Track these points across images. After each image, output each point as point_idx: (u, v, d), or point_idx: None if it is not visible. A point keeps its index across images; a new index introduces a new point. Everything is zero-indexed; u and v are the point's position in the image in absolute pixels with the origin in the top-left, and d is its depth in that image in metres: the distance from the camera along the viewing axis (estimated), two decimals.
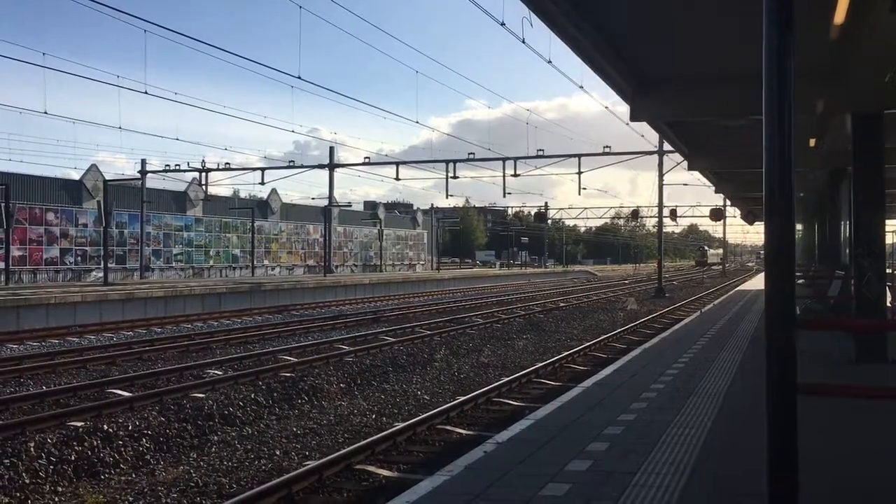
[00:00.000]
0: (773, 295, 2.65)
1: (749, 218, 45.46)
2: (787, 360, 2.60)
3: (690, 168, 24.35)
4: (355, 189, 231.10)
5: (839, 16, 7.74)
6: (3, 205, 30.58)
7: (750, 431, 6.33)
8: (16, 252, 34.15)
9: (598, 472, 5.30)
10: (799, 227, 34.58)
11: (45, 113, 34.68)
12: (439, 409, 9.95)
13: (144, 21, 31.24)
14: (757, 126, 3.00)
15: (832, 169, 18.46)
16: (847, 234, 17.57)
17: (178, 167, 42.26)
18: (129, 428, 8.96)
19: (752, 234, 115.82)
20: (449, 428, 9.35)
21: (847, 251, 17.07)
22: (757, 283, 41.29)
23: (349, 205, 58.18)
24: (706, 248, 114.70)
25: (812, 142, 14.91)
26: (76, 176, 40.66)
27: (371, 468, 7.62)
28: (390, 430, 8.77)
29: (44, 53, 78.47)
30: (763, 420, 2.63)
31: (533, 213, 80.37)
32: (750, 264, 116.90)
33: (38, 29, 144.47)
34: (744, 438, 6.25)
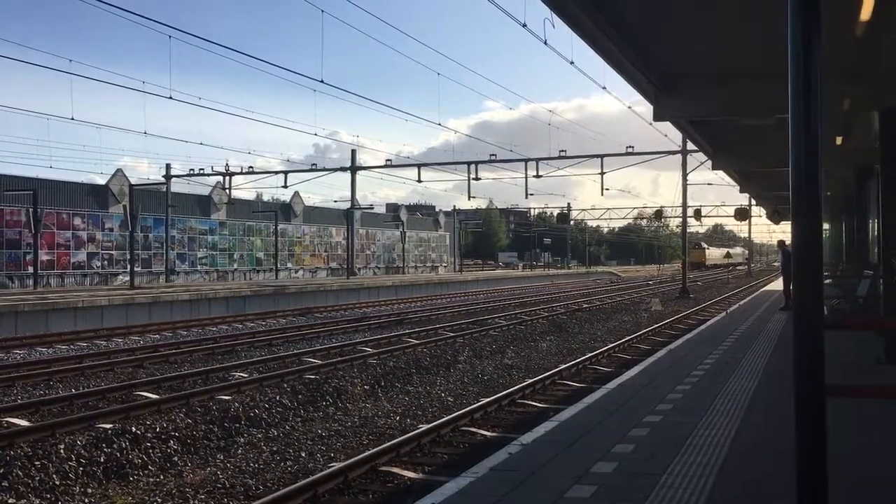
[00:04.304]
0: (800, 294, 2.62)
1: (775, 217, 44.95)
2: (816, 360, 2.57)
3: (715, 167, 24.12)
4: (376, 191, 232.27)
5: (865, 12, 7.64)
6: (31, 210, 31.04)
7: (778, 433, 6.27)
8: (44, 256, 34.64)
9: (624, 474, 5.27)
10: (826, 226, 34.16)
11: (72, 119, 35.22)
12: (463, 410, 9.95)
13: (169, 27, 31.56)
14: (783, 124, 2.98)
15: (860, 167, 18.21)
16: (875, 232, 17.33)
17: (201, 171, 42.70)
18: (157, 430, 9.06)
19: (779, 234, 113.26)
20: (473, 430, 9.34)
21: (876, 250, 16.83)
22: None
23: (371, 207, 58.42)
24: (704, 245, 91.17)
25: (839, 140, 14.71)
26: (102, 181, 41.21)
27: (396, 469, 7.64)
28: (415, 432, 8.78)
29: (70, 60, 79.45)
30: (791, 421, 2.61)
31: (555, 214, 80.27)
32: (776, 264, 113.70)
33: (66, 36, 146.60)
34: (771, 440, 6.18)
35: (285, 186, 41.86)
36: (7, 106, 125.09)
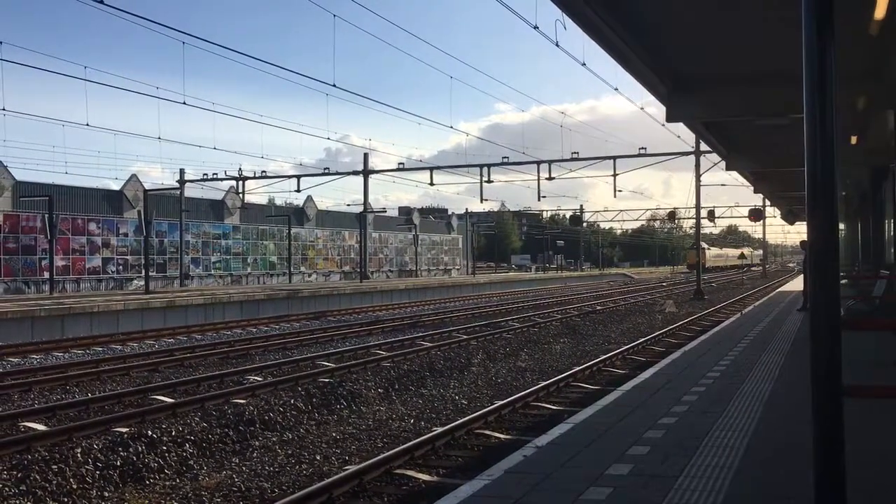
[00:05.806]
0: (816, 295, 2.61)
1: (789, 217, 44.69)
2: (832, 361, 2.56)
3: (729, 168, 24.05)
4: (388, 195, 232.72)
5: (880, 11, 7.61)
6: (47, 216, 31.31)
7: (795, 434, 6.23)
8: (59, 262, 34.93)
9: (639, 476, 5.25)
10: (842, 225, 33.94)
11: (87, 125, 35.46)
12: (477, 413, 9.94)
13: (183, 33, 31.99)
14: (797, 125, 2.97)
15: (875, 166, 18.10)
16: (892, 232, 17.20)
17: (215, 176, 42.94)
18: (173, 433, 9.10)
19: (793, 234, 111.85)
20: (487, 432, 9.34)
21: (892, 250, 16.71)
22: (798, 284, 40.57)
23: (384, 211, 58.56)
24: (704, 244, 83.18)
25: (854, 139, 14.64)
26: (116, 186, 41.53)
27: (411, 472, 7.65)
28: (429, 435, 8.78)
29: (86, 67, 80.00)
30: (808, 422, 2.60)
31: (568, 216, 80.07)
32: (791, 265, 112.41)
33: (81, 43, 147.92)
34: (789, 441, 6.15)
35: (298, 190, 42.04)
36: (23, 112, 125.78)
